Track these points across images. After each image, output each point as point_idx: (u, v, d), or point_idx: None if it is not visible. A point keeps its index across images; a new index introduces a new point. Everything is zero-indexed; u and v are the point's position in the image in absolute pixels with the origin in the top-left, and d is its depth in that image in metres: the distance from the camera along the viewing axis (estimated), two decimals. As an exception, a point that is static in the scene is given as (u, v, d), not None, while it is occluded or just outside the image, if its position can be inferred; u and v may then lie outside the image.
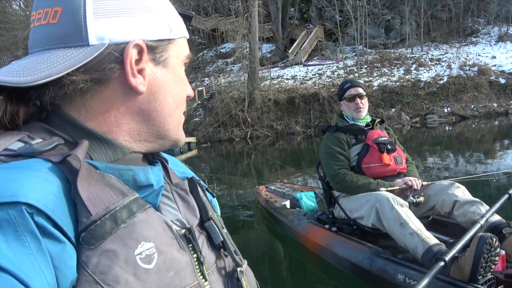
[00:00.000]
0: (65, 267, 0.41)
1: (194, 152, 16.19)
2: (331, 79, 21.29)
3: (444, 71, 20.35)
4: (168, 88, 0.56)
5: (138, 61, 0.52)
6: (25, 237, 0.39)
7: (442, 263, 1.72)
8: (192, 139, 18.00)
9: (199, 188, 0.62)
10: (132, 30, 0.51)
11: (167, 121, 0.57)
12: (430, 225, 2.69)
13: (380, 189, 2.59)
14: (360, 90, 2.92)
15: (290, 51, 25.28)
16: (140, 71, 0.53)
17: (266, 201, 4.57)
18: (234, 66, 24.90)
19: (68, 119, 0.51)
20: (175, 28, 0.57)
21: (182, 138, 0.62)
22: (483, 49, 22.54)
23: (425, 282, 1.57)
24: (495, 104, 18.48)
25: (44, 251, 0.40)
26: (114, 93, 0.52)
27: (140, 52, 0.52)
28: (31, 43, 0.53)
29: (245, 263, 0.61)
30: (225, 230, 0.60)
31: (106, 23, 0.50)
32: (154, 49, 0.54)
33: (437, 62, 21.44)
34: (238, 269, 0.59)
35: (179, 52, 0.58)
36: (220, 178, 9.15)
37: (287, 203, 4.22)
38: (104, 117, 0.52)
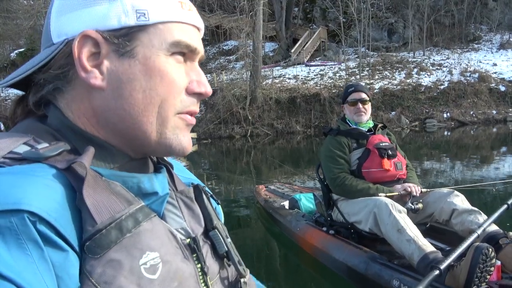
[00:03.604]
0: (67, 277, 0.40)
1: (194, 148, 16.16)
2: (332, 80, 21.27)
3: (445, 77, 20.34)
4: (136, 83, 0.49)
5: (96, 54, 0.49)
6: (27, 245, 0.38)
7: (437, 272, 1.72)
8: (193, 135, 18.03)
9: (204, 196, 0.61)
10: (86, 22, 0.49)
11: (141, 121, 0.50)
12: (428, 232, 2.69)
13: (379, 194, 2.59)
14: (363, 95, 2.92)
15: (292, 50, 25.24)
16: (98, 65, 0.49)
17: (265, 200, 4.56)
18: (236, 64, 24.83)
19: (67, 124, 0.51)
20: (151, 12, 0.49)
21: (177, 144, 0.53)
22: (485, 56, 22.53)
23: (420, 289, 1.57)
24: (494, 111, 18.49)
25: (46, 259, 0.39)
26: (81, 91, 0.51)
27: (97, 44, 0.49)
28: None
29: (248, 273, 0.61)
30: (229, 240, 0.60)
31: (66, 19, 0.50)
32: (115, 39, 0.49)
33: (439, 67, 21.43)
34: (242, 280, 0.59)
35: (158, 39, 0.50)
36: (220, 175, 9.14)
37: (286, 203, 4.21)
38: (87, 117, 0.51)
